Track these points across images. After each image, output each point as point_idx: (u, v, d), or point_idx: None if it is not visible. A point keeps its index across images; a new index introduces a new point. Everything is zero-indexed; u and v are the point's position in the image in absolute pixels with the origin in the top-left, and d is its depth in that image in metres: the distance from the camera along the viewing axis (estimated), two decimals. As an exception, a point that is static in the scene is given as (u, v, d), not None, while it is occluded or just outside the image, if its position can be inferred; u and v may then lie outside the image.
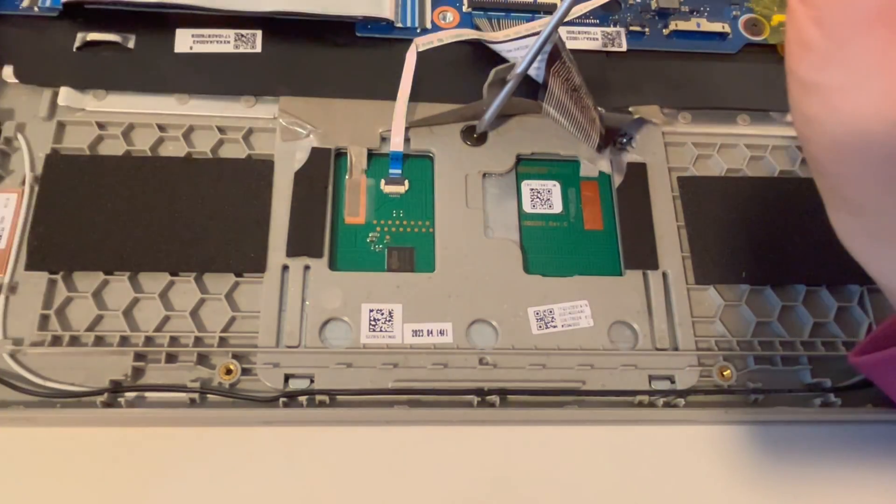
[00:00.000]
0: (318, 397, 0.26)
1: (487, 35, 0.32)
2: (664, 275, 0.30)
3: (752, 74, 0.34)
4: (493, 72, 0.30)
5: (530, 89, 0.31)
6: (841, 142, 0.18)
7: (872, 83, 0.17)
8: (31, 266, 0.27)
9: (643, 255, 0.30)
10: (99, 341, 0.27)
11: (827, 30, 0.18)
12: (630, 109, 0.32)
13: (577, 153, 0.32)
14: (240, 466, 0.25)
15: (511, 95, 0.30)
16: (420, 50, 0.31)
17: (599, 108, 0.30)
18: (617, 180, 0.31)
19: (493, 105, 0.30)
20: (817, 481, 0.26)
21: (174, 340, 0.27)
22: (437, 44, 0.32)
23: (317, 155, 0.30)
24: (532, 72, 0.30)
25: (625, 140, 0.32)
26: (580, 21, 0.34)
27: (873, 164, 0.18)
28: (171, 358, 0.26)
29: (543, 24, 0.28)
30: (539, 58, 0.29)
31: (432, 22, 0.34)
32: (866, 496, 0.26)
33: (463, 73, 0.33)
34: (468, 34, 0.32)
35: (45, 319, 0.27)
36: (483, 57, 0.32)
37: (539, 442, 0.26)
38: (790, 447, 0.27)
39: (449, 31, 0.32)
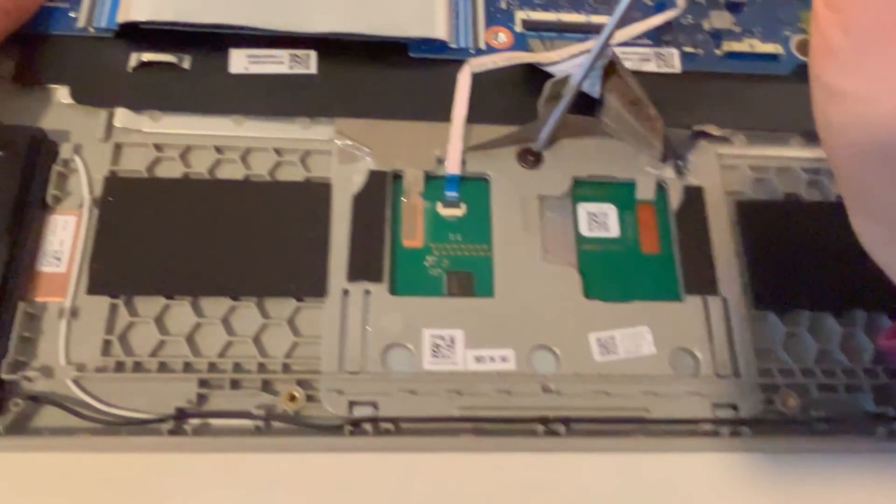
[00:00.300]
0: (384, 425, 0.26)
1: (540, 56, 0.32)
2: (724, 301, 0.29)
3: (806, 96, 0.34)
4: (547, 84, 0.30)
5: (586, 109, 0.31)
6: (863, 148, 0.18)
7: None
8: (92, 290, 0.27)
9: (702, 281, 0.30)
10: (162, 367, 0.26)
11: (853, 36, 0.18)
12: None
13: (635, 174, 0.31)
14: (307, 494, 0.25)
15: (567, 111, 0.29)
16: (474, 72, 0.31)
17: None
18: (674, 203, 0.31)
19: (549, 121, 0.30)
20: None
21: (237, 366, 0.27)
22: (490, 67, 0.32)
23: (374, 178, 0.30)
24: (586, 87, 0.30)
25: (680, 162, 0.32)
26: (633, 42, 0.34)
27: (895, 170, 0.18)
28: (235, 384, 0.26)
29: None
30: (593, 73, 0.29)
31: (486, 42, 0.34)
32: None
33: (516, 93, 0.32)
34: (522, 57, 0.32)
35: (107, 345, 0.26)
36: (537, 77, 0.32)
37: (606, 470, 0.26)
38: (856, 476, 0.27)
39: (503, 55, 0.32)
